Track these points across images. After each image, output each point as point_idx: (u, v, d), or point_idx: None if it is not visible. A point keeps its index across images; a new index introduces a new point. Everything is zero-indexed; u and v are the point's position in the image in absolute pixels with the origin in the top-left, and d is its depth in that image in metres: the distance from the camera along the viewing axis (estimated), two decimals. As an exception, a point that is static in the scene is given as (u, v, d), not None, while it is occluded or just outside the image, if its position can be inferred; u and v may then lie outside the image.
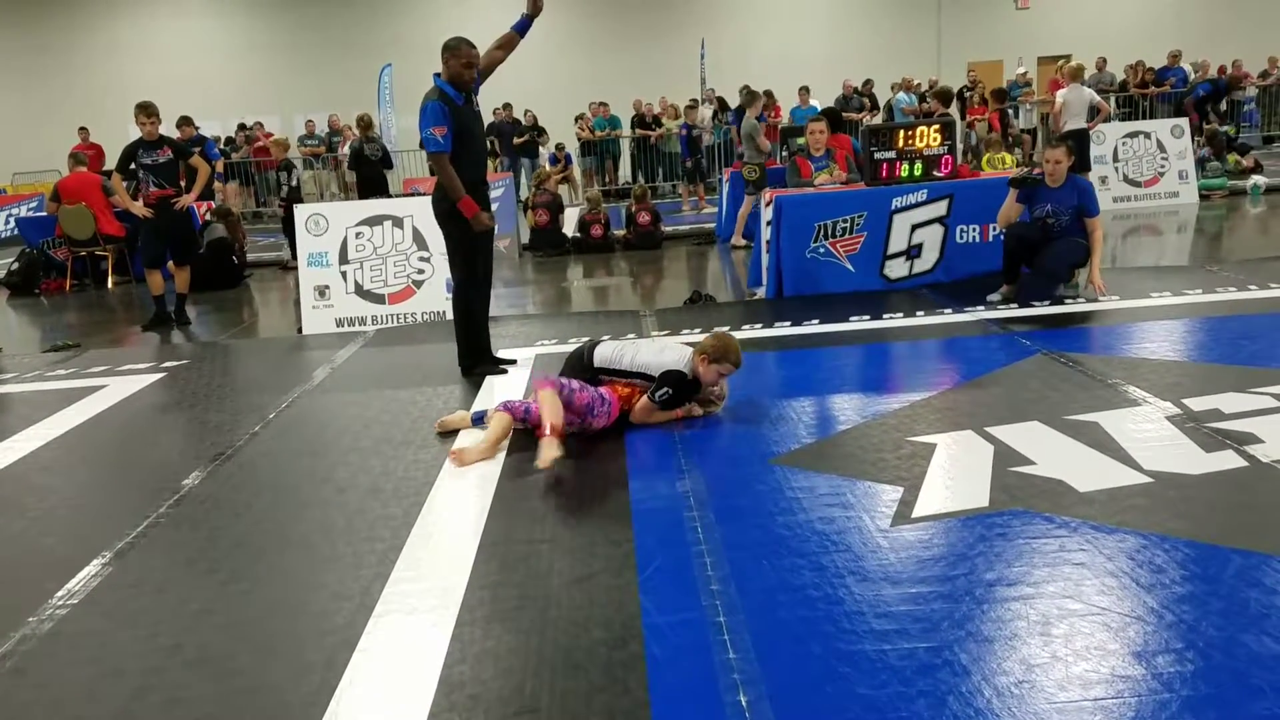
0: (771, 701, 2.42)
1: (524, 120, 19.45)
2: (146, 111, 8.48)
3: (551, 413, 4.30)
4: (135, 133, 8.52)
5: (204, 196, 13.81)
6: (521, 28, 6.07)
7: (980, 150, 17.63)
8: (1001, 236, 7.50)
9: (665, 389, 4.63)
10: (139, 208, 8.58)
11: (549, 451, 4.11)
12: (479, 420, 4.80)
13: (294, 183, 13.03)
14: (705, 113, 17.75)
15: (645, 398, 4.66)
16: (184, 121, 14.96)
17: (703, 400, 4.86)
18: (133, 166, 8.56)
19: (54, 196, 11.93)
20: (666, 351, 4.79)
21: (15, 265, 12.28)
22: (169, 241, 8.86)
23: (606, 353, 4.81)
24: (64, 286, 12.00)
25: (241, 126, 21.19)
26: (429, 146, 5.64)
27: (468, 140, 5.68)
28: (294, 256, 12.76)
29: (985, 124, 17.74)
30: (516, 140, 18.94)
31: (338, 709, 2.53)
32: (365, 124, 13.20)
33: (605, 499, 3.90)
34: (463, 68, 5.61)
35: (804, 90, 17.98)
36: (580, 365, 4.81)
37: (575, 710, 2.45)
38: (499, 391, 5.56)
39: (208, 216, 12.06)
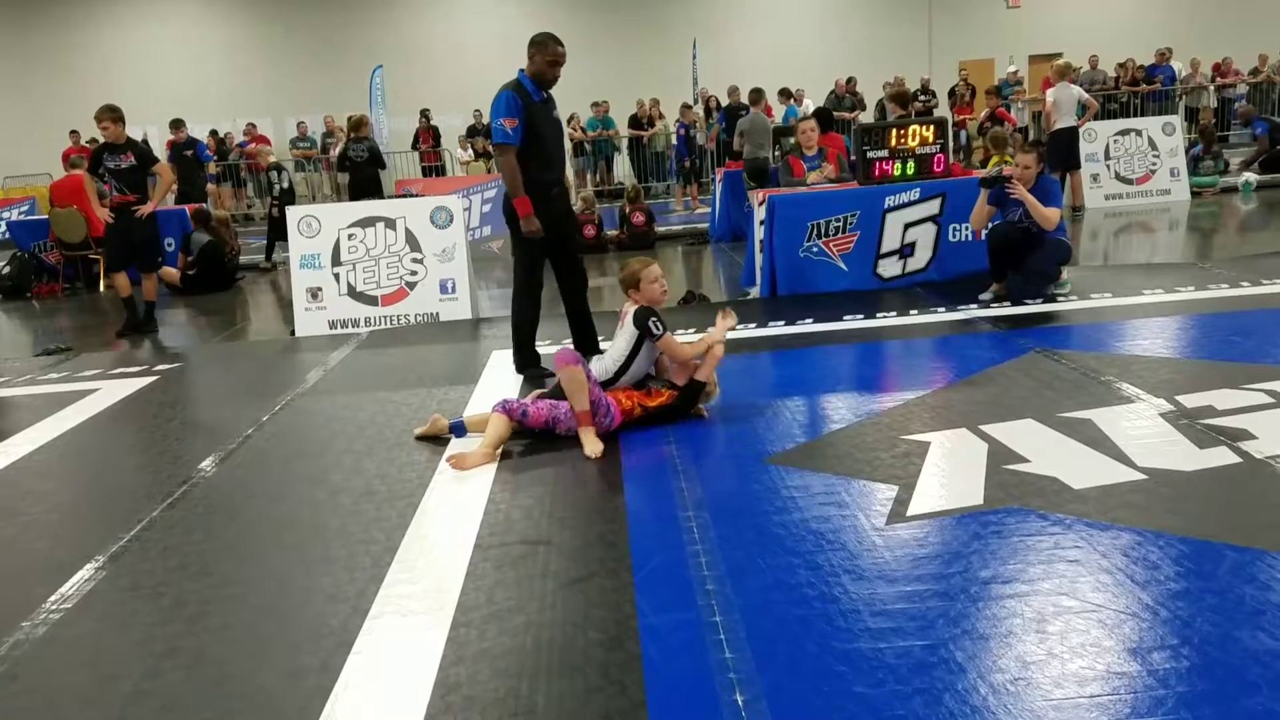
0: (768, 700, 2.42)
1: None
2: (108, 114, 8.19)
3: (580, 396, 4.39)
4: (129, 135, 8.47)
5: (198, 198, 13.88)
6: None
7: (971, 148, 17.66)
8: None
9: (651, 319, 4.66)
10: (103, 212, 8.35)
11: (593, 444, 4.29)
12: (458, 429, 4.76)
13: (285, 184, 13.02)
14: (701, 113, 17.79)
15: (660, 341, 4.68)
16: (176, 125, 14.94)
17: (703, 393, 4.85)
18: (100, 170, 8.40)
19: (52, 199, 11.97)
20: (620, 331, 4.82)
21: (7, 269, 12.26)
22: (131, 247, 8.59)
23: (597, 369, 4.78)
24: (56, 290, 11.97)
25: (213, 133, 21.08)
26: (495, 137, 5.58)
27: (537, 138, 5.54)
28: (268, 257, 12.84)
29: (976, 123, 17.76)
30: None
31: (333, 712, 2.53)
32: (353, 124, 13.19)
33: (600, 499, 3.90)
34: (548, 64, 5.51)
35: (783, 92, 17.97)
36: None
37: (572, 711, 2.45)
38: (496, 397, 5.55)
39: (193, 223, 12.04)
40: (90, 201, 8.72)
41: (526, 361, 5.94)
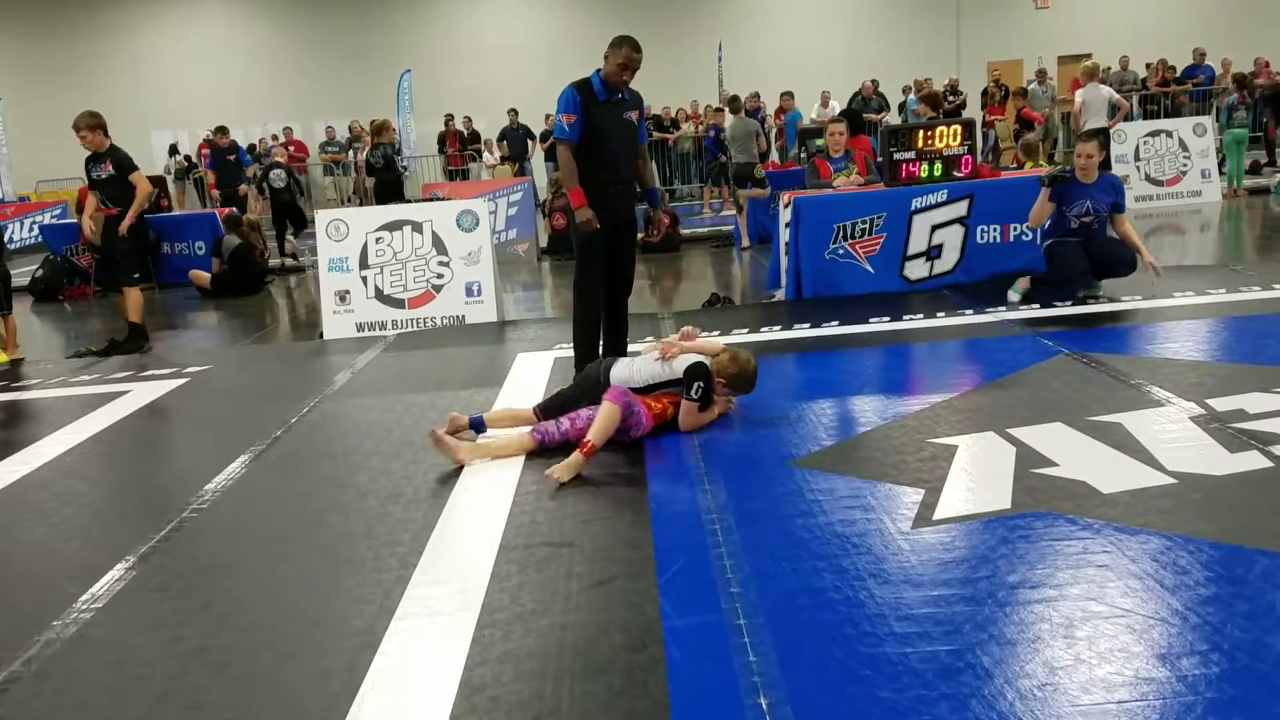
0: (792, 704, 2.42)
1: (547, 124, 19.58)
2: (83, 123, 7.77)
3: (602, 432, 4.27)
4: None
5: (240, 202, 14.44)
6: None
7: (999, 149, 17.56)
8: (1037, 241, 7.44)
9: (698, 383, 4.62)
10: (87, 224, 8.13)
11: (571, 471, 4.12)
12: (477, 424, 4.77)
13: (276, 184, 13.39)
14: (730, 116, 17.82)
15: (684, 401, 4.65)
16: (221, 130, 15.33)
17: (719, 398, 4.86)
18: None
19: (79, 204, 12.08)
20: (667, 361, 4.79)
21: (39, 272, 12.40)
22: (110, 262, 8.18)
23: (621, 373, 4.79)
24: (87, 293, 12.11)
25: (173, 149, 21.29)
26: (555, 132, 5.70)
27: (597, 137, 5.49)
28: (281, 253, 13.27)
29: (1004, 125, 17.65)
30: (543, 145, 19.09)
31: (359, 712, 2.54)
32: (374, 129, 13.42)
33: (625, 502, 3.90)
34: (617, 67, 5.43)
35: (787, 95, 17.98)
36: (595, 385, 4.77)
37: (595, 713, 2.45)
38: (522, 400, 5.56)
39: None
40: (85, 213, 8.46)
41: (586, 363, 5.88)
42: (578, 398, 4.80)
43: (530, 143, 19.97)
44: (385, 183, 13.00)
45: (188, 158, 21.24)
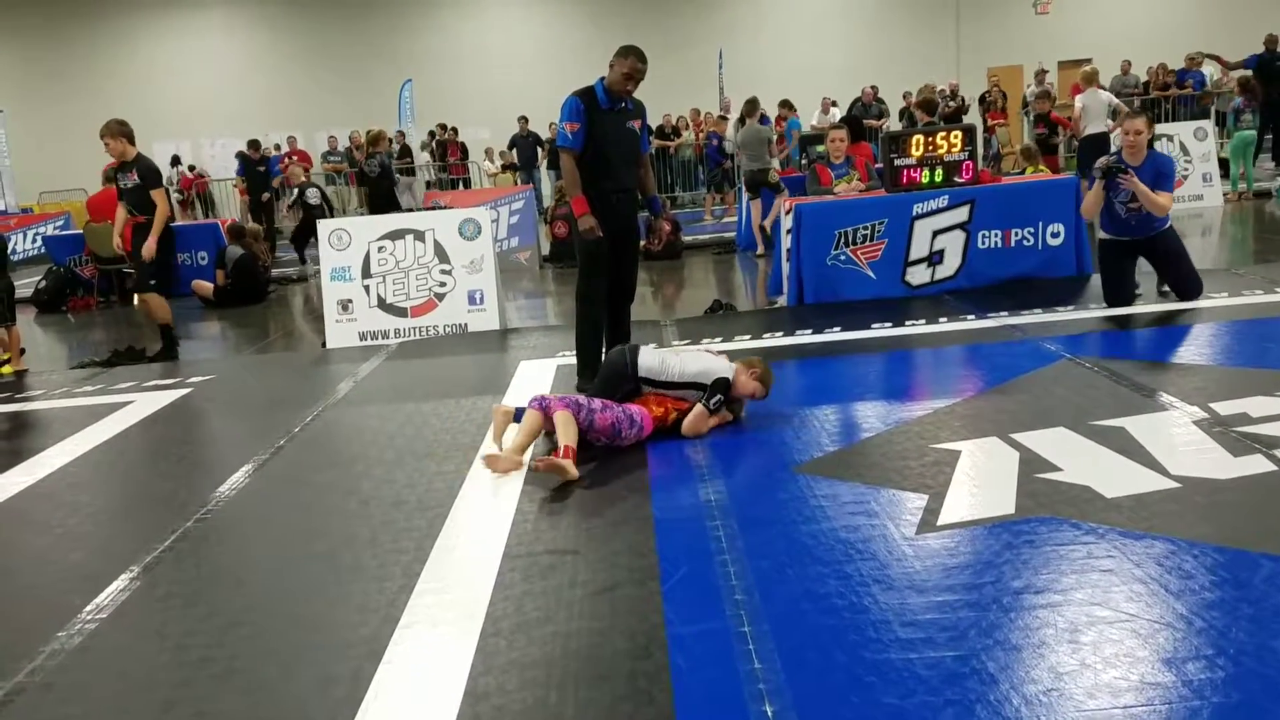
0: (797, 711, 2.41)
1: (549, 132, 19.65)
2: (107, 130, 7.76)
3: (566, 435, 4.32)
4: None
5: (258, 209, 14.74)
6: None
7: (1000, 155, 17.58)
8: (1039, 246, 7.40)
9: (719, 396, 4.66)
10: (118, 240, 8.02)
11: (555, 470, 4.15)
12: (520, 417, 4.70)
13: (310, 201, 13.56)
14: (731, 121, 17.86)
15: (700, 406, 4.66)
16: (253, 144, 15.64)
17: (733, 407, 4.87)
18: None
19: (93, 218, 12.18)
20: (715, 361, 4.84)
21: (43, 283, 12.42)
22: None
23: (651, 362, 4.80)
24: (91, 304, 12.13)
25: (175, 160, 21.32)
26: (558, 140, 5.71)
27: (600, 145, 5.51)
28: (301, 262, 13.44)
29: (1005, 130, 17.66)
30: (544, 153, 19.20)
31: (364, 721, 2.54)
32: (370, 140, 13.51)
33: (628, 509, 3.90)
34: (622, 76, 5.46)
35: (784, 103, 18.01)
36: (623, 374, 4.79)
37: (600, 721, 2.45)
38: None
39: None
40: (117, 228, 8.44)
41: (591, 370, 5.86)
42: (607, 393, 4.77)
43: (540, 149, 20.02)
44: (380, 192, 13.08)
45: (191, 167, 21.30)
